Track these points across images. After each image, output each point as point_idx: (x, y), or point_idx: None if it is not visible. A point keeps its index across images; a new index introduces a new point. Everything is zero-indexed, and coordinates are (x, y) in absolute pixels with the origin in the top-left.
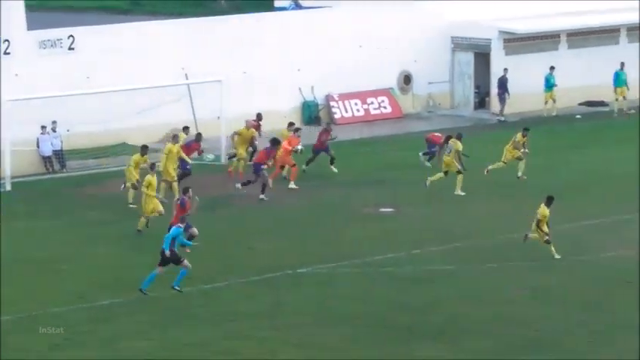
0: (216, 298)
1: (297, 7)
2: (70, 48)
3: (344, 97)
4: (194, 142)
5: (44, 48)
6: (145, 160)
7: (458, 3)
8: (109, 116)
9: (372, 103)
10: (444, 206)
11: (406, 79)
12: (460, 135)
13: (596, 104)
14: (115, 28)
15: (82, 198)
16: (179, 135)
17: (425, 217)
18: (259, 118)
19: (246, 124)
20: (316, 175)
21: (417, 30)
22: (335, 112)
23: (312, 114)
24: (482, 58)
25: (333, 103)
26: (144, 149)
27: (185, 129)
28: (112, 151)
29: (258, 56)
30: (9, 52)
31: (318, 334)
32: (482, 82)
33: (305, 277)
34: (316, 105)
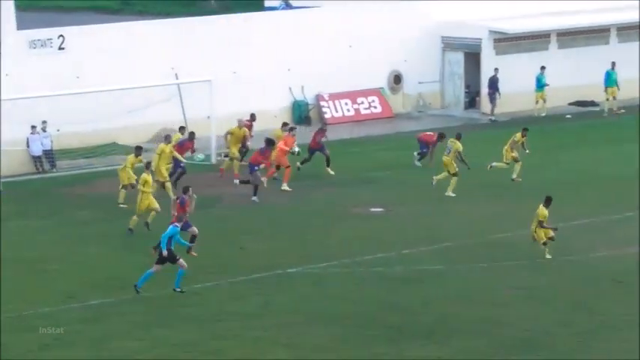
0: (206, 298)
1: (287, 6)
2: (60, 48)
3: (334, 96)
4: (187, 141)
5: (34, 48)
6: (140, 161)
7: (448, 3)
8: (99, 116)
9: (362, 102)
10: (434, 206)
11: (396, 78)
12: (459, 135)
13: (587, 104)
14: (105, 27)
15: (72, 198)
16: (175, 134)
17: (415, 217)
18: (253, 118)
19: (239, 123)
20: (307, 175)
21: (407, 30)
22: (325, 112)
23: (302, 114)
24: (473, 57)
25: (323, 102)
26: (138, 150)
27: (181, 129)
28: (101, 151)
29: (248, 56)
30: None
31: (307, 334)
32: (473, 82)
33: (295, 277)
34: (306, 105)
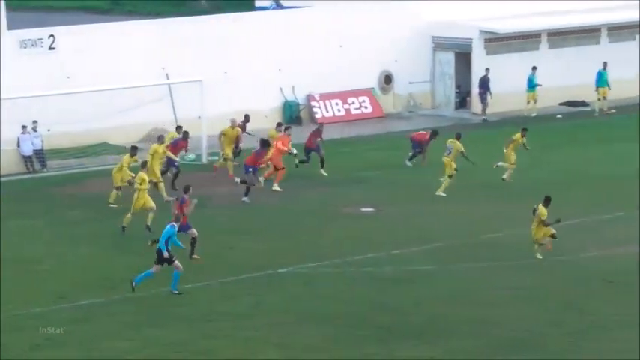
0: (197, 297)
1: (278, 6)
2: (51, 48)
3: (325, 96)
4: (181, 141)
5: (25, 48)
6: (135, 161)
7: (439, 3)
8: (89, 116)
9: (353, 102)
10: (424, 206)
11: (387, 78)
12: (459, 135)
13: (577, 104)
14: (96, 27)
15: (63, 198)
16: (171, 133)
17: (406, 217)
18: (247, 119)
19: (231, 123)
20: (297, 175)
21: (397, 30)
22: (316, 112)
23: (293, 114)
24: (463, 57)
25: (314, 102)
26: (134, 150)
27: (178, 128)
28: (92, 151)
29: (238, 56)
30: None
31: (298, 333)
32: (463, 82)
33: (286, 277)
34: (297, 105)
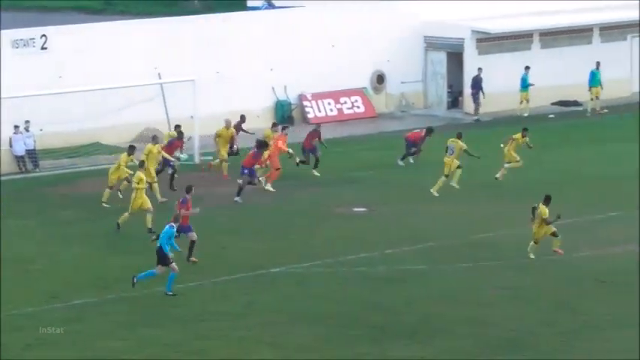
0: (190, 298)
1: (270, 6)
2: (43, 47)
3: (317, 96)
4: (176, 140)
5: (17, 47)
6: (132, 160)
7: (431, 3)
8: (81, 116)
9: (345, 102)
10: (417, 206)
11: (379, 78)
12: (460, 134)
13: (569, 104)
14: (88, 27)
15: (55, 197)
16: (170, 132)
17: (398, 216)
18: (243, 119)
19: (226, 123)
20: (290, 175)
21: (389, 30)
22: (308, 112)
23: (285, 114)
24: (455, 57)
25: (306, 102)
26: (131, 149)
27: (177, 127)
28: (85, 151)
29: (231, 56)
30: None
31: (291, 333)
32: (455, 82)
33: (278, 276)
34: (289, 105)
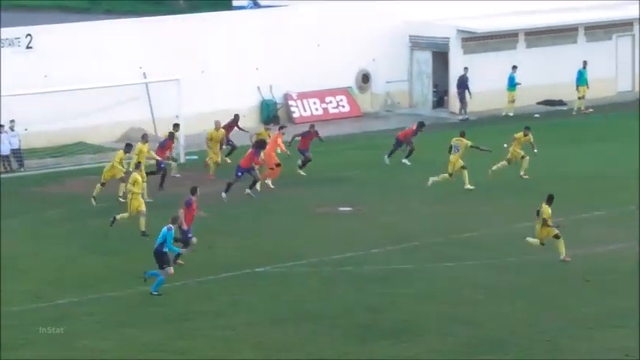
0: (174, 297)
1: (256, 6)
2: (28, 47)
3: (302, 96)
4: (168, 140)
5: (2, 47)
6: (126, 158)
7: (416, 2)
8: (66, 115)
9: (330, 102)
10: (402, 205)
11: (364, 78)
12: (463, 132)
13: (555, 103)
14: (73, 27)
15: (41, 197)
16: (170, 132)
17: (383, 216)
18: (236, 118)
19: (216, 125)
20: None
21: (375, 29)
22: (293, 111)
23: (270, 113)
24: (441, 57)
25: (291, 102)
26: (128, 147)
27: (175, 126)
28: (69, 150)
29: (216, 55)
30: None
31: (275, 333)
32: (441, 81)
33: (263, 276)
34: (275, 104)
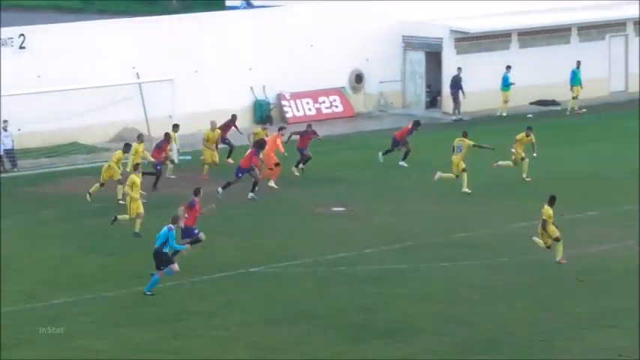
0: (168, 297)
1: (249, 6)
2: (21, 47)
3: (295, 96)
4: (164, 142)
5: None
6: (125, 158)
7: (409, 2)
8: (60, 115)
9: (323, 102)
10: (396, 205)
11: (358, 78)
12: (466, 133)
13: (548, 103)
14: (66, 27)
15: (34, 197)
16: (171, 133)
17: (377, 216)
18: (234, 118)
19: (211, 125)
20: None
21: (368, 29)
22: (287, 112)
23: (263, 113)
24: (434, 57)
25: (284, 102)
26: (127, 147)
27: (175, 126)
28: (63, 151)
29: (209, 55)
30: None
31: (269, 333)
32: (434, 82)
33: (257, 276)
34: (268, 104)
